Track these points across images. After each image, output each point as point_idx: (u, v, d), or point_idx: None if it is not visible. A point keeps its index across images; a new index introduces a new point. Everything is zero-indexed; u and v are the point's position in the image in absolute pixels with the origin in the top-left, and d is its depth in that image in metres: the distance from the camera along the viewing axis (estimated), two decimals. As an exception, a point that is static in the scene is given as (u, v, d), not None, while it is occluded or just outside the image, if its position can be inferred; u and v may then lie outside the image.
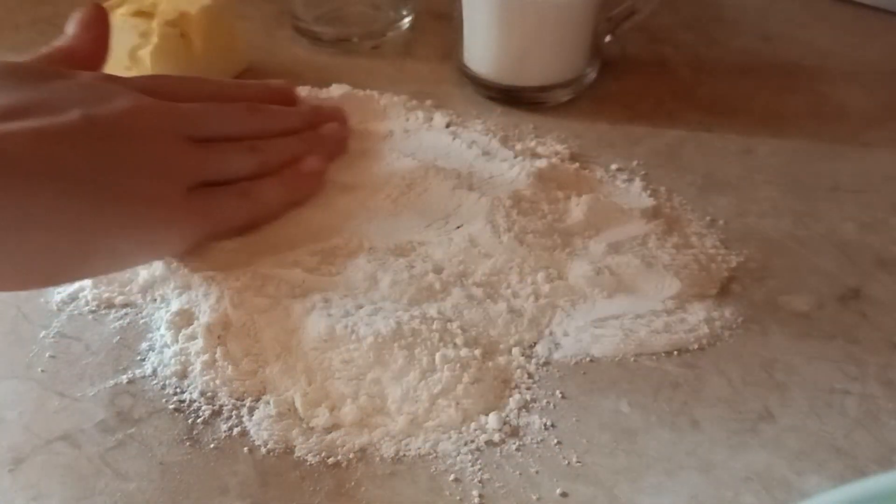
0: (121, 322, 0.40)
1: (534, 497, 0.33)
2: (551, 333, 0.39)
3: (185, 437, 0.35)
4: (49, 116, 0.35)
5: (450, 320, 0.38)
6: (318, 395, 0.35)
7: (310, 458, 0.34)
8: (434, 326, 0.37)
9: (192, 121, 0.40)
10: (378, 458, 0.34)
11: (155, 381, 0.37)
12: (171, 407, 0.36)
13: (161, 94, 0.40)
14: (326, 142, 0.46)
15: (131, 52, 0.49)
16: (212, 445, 0.35)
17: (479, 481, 0.33)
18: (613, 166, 0.48)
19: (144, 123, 0.38)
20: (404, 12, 0.60)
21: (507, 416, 0.36)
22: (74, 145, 0.35)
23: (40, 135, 0.34)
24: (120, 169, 0.36)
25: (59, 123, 0.35)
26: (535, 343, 0.38)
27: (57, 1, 0.63)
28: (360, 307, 0.38)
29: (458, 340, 0.37)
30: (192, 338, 0.38)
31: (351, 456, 0.34)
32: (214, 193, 0.40)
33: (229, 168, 0.41)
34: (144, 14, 0.51)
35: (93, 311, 0.41)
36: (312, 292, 0.39)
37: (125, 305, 0.41)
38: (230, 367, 0.37)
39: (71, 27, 0.42)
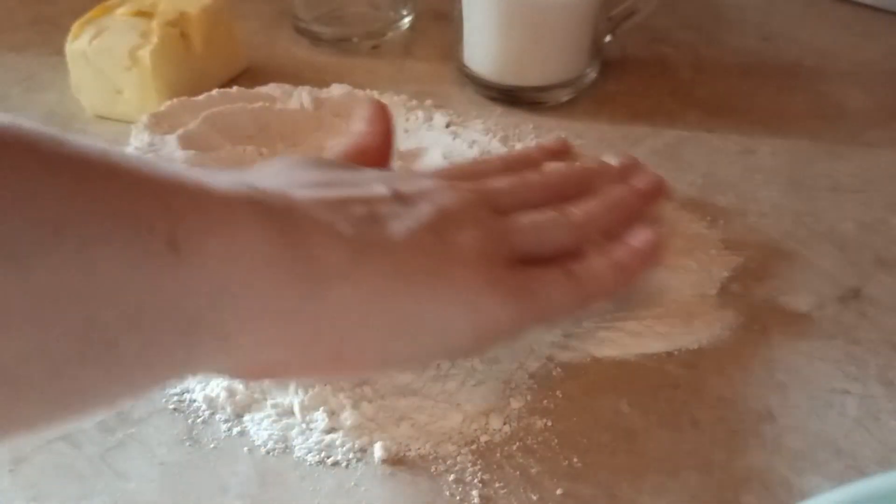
0: (121, 322, 0.40)
1: (534, 497, 0.33)
2: (552, 334, 0.39)
3: (185, 437, 0.35)
4: (354, 189, 0.33)
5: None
6: (315, 401, 0.35)
7: (310, 458, 0.34)
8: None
9: (494, 193, 0.36)
10: (378, 459, 0.34)
11: (155, 381, 0.37)
12: (171, 407, 0.36)
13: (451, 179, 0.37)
14: (644, 200, 0.40)
15: (131, 52, 0.50)
16: (212, 445, 0.35)
17: (480, 481, 0.33)
18: (613, 166, 0.48)
19: (450, 196, 0.34)
20: (404, 12, 0.60)
21: (507, 416, 0.36)
22: (383, 212, 0.32)
23: (346, 200, 0.32)
24: (433, 235, 0.33)
25: (365, 193, 0.33)
26: (535, 344, 0.38)
27: (57, 1, 0.63)
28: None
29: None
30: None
31: (351, 456, 0.34)
32: (536, 271, 0.35)
33: (543, 237, 0.36)
34: (144, 14, 0.51)
35: (93, 311, 0.41)
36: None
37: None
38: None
39: (356, 125, 0.40)
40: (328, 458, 0.34)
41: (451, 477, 0.34)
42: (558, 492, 0.33)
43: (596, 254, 0.36)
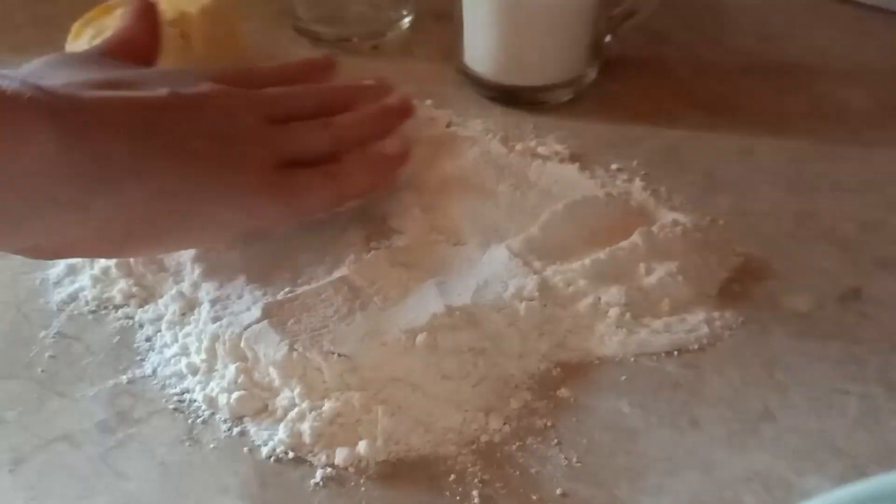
0: (121, 322, 0.40)
1: (534, 497, 0.33)
2: (552, 334, 0.39)
3: (185, 437, 0.35)
4: (138, 91, 0.37)
5: (454, 324, 0.38)
6: (315, 401, 0.35)
7: (310, 457, 0.34)
8: (437, 329, 0.37)
9: (267, 102, 0.41)
10: (378, 458, 0.34)
11: (155, 381, 0.38)
12: (171, 407, 0.36)
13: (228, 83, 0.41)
14: (395, 114, 0.45)
15: (131, 52, 0.49)
16: (212, 445, 0.35)
17: (479, 481, 0.33)
18: (613, 166, 0.48)
19: (227, 103, 0.39)
20: (404, 12, 0.60)
21: (507, 416, 0.36)
22: (166, 116, 0.36)
23: (132, 103, 0.35)
24: (212, 140, 0.37)
25: (149, 96, 0.36)
26: (536, 344, 0.38)
27: (57, 1, 0.63)
28: (352, 312, 0.38)
29: (462, 343, 0.37)
30: (191, 336, 0.38)
31: (351, 456, 0.34)
32: (301, 172, 0.40)
33: (307, 144, 0.41)
34: (144, 14, 0.51)
35: (93, 312, 0.41)
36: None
37: (125, 305, 0.41)
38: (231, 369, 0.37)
39: (124, 20, 0.44)
40: (328, 458, 0.34)
41: (451, 477, 0.34)
42: (558, 492, 0.33)
43: (351, 158, 0.42)
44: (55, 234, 0.34)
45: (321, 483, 0.34)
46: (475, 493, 0.33)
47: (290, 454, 0.34)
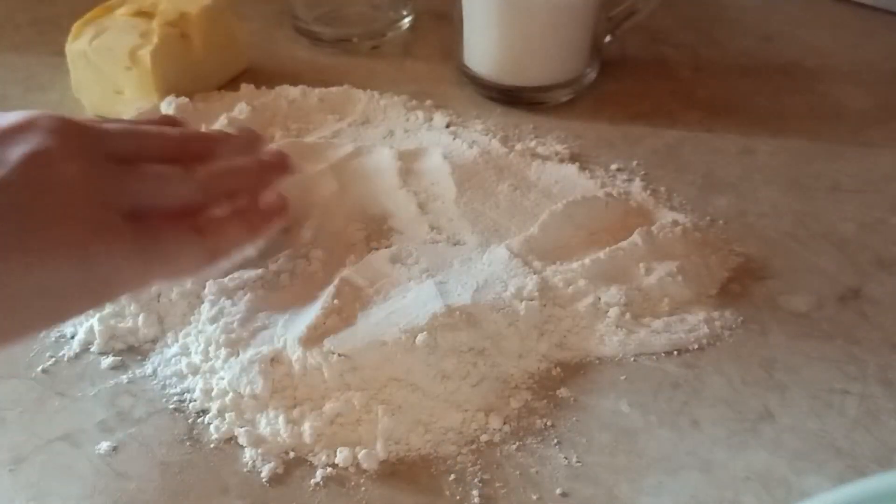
0: (121, 322, 0.40)
1: (534, 497, 0.33)
2: (552, 334, 0.39)
3: (185, 437, 0.35)
4: None
5: (454, 324, 0.38)
6: (316, 401, 0.35)
7: (310, 457, 0.34)
8: (437, 329, 0.37)
9: (110, 136, 0.32)
10: (378, 458, 0.34)
11: (155, 381, 0.38)
12: (171, 407, 0.36)
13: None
14: (271, 169, 0.37)
15: (131, 52, 0.50)
16: (212, 445, 0.35)
17: (479, 481, 0.33)
18: (613, 166, 0.48)
19: (50, 134, 0.29)
20: (404, 12, 0.60)
21: (507, 416, 0.36)
22: None
23: None
24: (28, 189, 0.28)
25: None
26: (536, 344, 0.38)
27: (57, 1, 0.63)
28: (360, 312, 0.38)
29: (462, 343, 0.37)
30: (191, 336, 0.38)
31: (351, 456, 0.34)
32: (164, 227, 0.32)
33: (166, 191, 0.33)
34: (144, 14, 0.52)
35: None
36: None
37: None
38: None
39: None
40: (328, 458, 0.34)
41: (451, 477, 0.34)
42: (558, 492, 0.33)
43: (221, 211, 0.34)
44: None
45: (321, 483, 0.34)
46: (475, 493, 0.33)
47: (291, 454, 0.34)
